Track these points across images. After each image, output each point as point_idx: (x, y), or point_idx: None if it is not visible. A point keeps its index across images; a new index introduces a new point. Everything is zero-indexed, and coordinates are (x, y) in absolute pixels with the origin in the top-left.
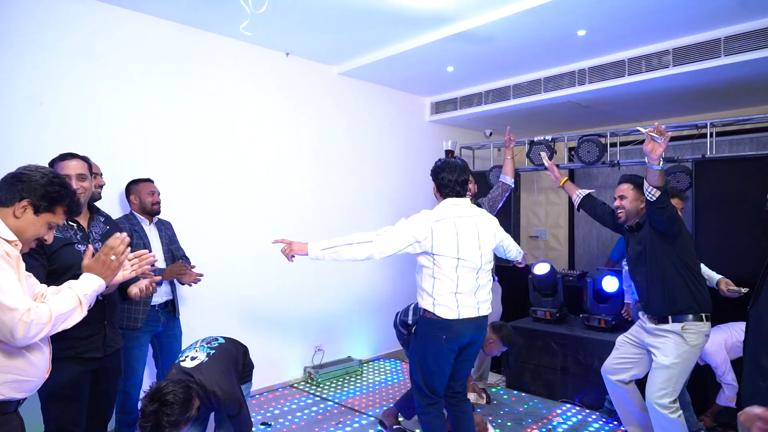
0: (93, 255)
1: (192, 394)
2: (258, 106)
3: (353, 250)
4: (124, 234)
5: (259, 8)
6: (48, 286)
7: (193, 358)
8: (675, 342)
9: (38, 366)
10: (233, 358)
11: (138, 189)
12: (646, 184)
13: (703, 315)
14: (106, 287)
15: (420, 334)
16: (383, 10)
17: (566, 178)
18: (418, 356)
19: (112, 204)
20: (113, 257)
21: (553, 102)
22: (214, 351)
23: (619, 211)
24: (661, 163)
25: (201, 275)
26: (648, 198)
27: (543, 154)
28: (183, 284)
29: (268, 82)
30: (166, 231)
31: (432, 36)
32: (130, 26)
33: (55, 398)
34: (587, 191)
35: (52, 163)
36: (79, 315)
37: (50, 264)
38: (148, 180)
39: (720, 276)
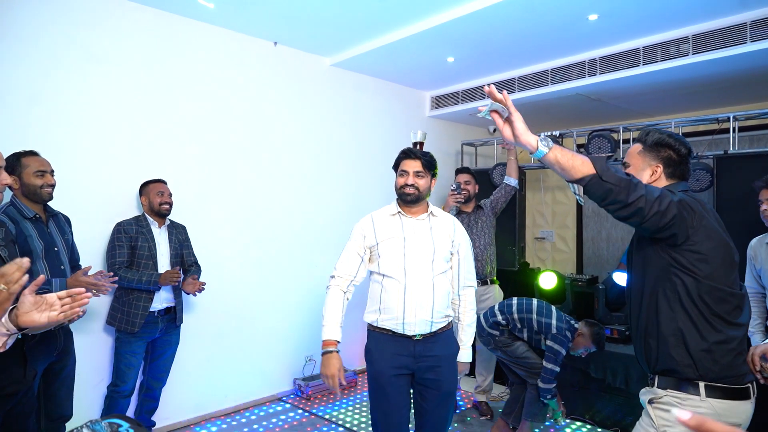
0: None
1: None
2: (244, 99)
3: None
4: (25, 259)
5: None
6: None
7: None
8: (641, 422)
9: None
10: None
11: (148, 190)
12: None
13: (702, 384)
14: (23, 329)
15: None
16: None
17: None
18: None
19: (100, 205)
20: (2, 286)
21: (562, 95)
22: None
23: None
24: (549, 144)
25: (203, 284)
26: (578, 201)
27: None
28: (188, 293)
29: (255, 74)
30: (178, 235)
31: (430, 22)
32: (108, 13)
33: None
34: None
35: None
36: None
37: None
38: (160, 181)
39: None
